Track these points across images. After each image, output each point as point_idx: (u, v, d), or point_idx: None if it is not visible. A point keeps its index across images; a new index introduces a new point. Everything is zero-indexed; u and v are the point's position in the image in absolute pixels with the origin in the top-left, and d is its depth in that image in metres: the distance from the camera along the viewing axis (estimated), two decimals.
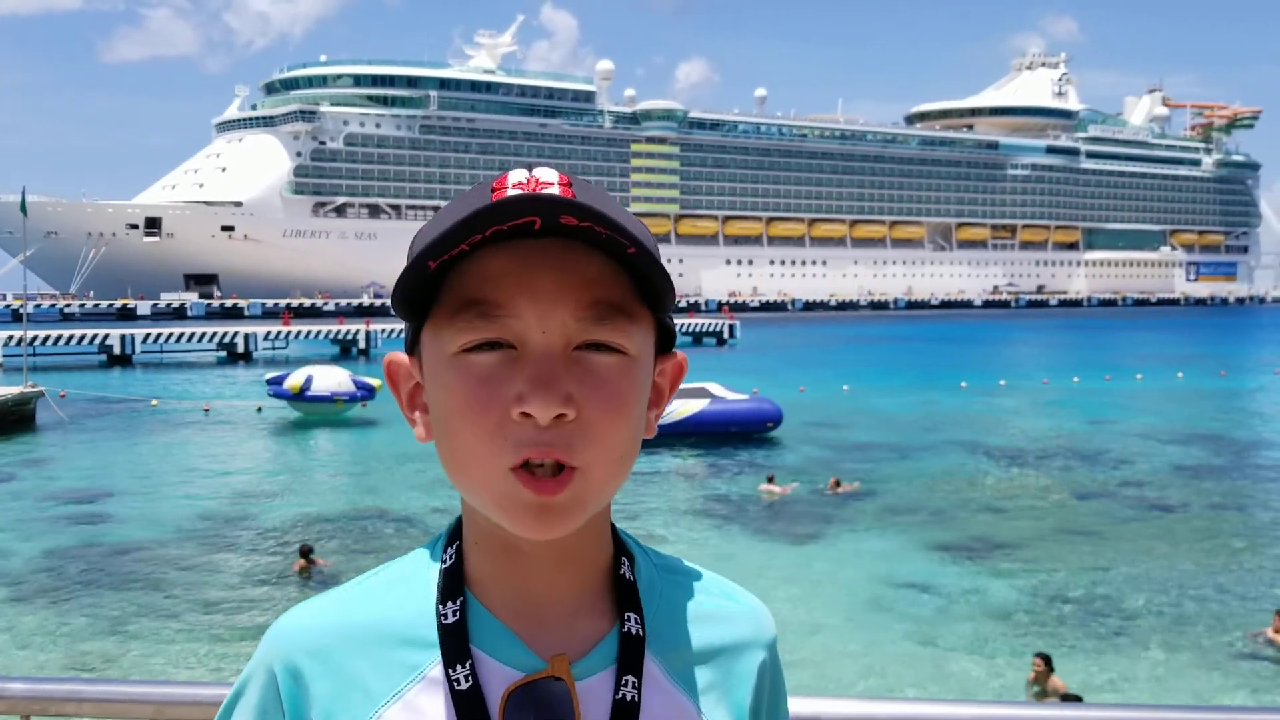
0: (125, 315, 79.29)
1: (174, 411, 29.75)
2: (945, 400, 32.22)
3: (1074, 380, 38.23)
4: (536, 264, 0.87)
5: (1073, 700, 8.16)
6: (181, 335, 51.41)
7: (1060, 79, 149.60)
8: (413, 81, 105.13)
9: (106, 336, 48.94)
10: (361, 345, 52.84)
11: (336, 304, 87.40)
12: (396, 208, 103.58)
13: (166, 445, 24.27)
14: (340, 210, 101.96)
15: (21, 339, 35.67)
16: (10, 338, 42.75)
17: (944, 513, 16.99)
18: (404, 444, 21.95)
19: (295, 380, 27.00)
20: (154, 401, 31.10)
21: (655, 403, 0.97)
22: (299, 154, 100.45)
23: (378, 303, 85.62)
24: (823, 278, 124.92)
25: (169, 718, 1.71)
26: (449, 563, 0.96)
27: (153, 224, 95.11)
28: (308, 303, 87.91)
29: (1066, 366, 44.64)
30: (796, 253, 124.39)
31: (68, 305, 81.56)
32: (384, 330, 53.49)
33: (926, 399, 32.37)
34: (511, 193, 0.86)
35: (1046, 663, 9.05)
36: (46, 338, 46.90)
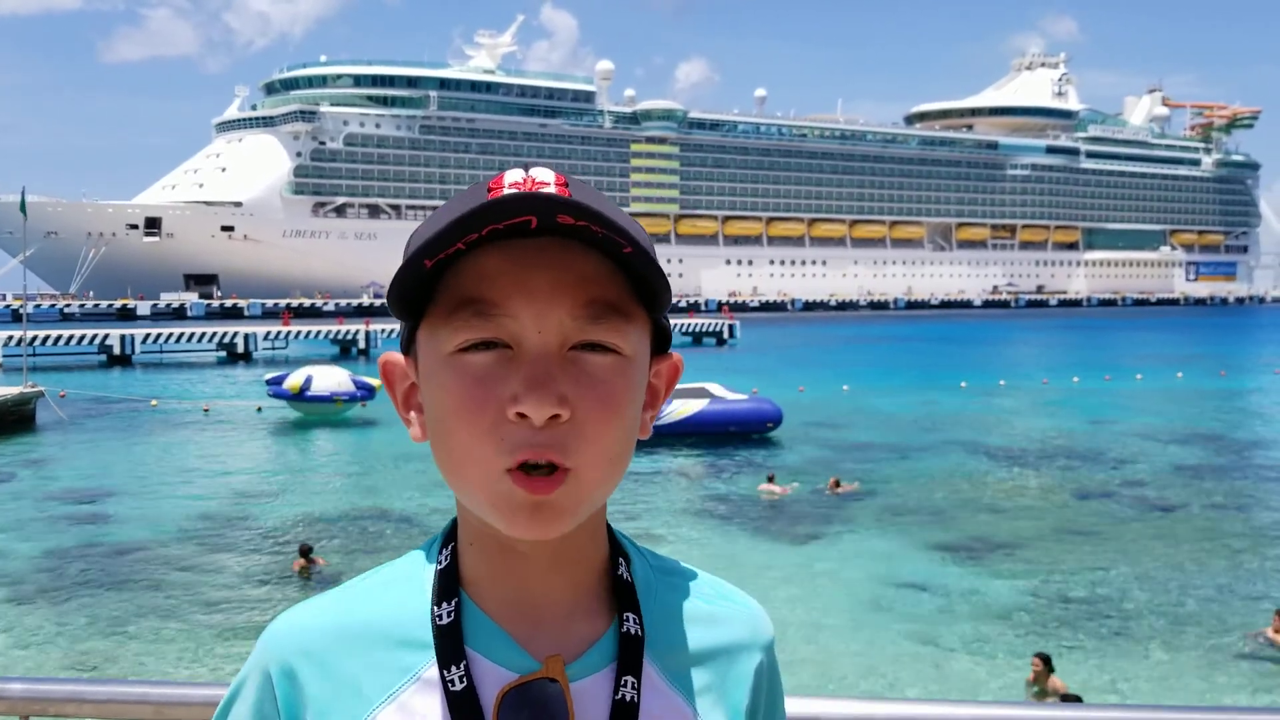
0: (125, 315, 79.29)
1: (174, 412, 29.75)
2: (945, 400, 32.20)
3: (1074, 380, 38.22)
4: (533, 263, 0.87)
5: (1072, 700, 8.16)
6: (181, 335, 51.43)
7: (1060, 79, 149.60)
8: (413, 81, 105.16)
9: (106, 336, 48.95)
10: (361, 345, 52.87)
11: (336, 304, 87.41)
12: (396, 208, 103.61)
13: (166, 445, 24.27)
14: (340, 210, 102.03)
15: (21, 339, 35.67)
16: (10, 338, 42.75)
17: (944, 513, 16.98)
18: (404, 444, 21.93)
19: (295, 380, 27.02)
20: (154, 402, 31.10)
21: (650, 404, 0.97)
22: (299, 154, 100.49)
23: (377, 303, 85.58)
24: (822, 278, 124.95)
25: (168, 718, 1.71)
26: (444, 564, 0.96)
27: (153, 224, 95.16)
28: (307, 303, 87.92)
29: (1066, 366, 44.63)
30: (796, 253, 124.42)
31: (68, 305, 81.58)
32: (384, 330, 53.47)
33: (926, 399, 32.36)
34: (508, 192, 0.86)
35: (1045, 663, 9.04)
36: (46, 338, 46.92)
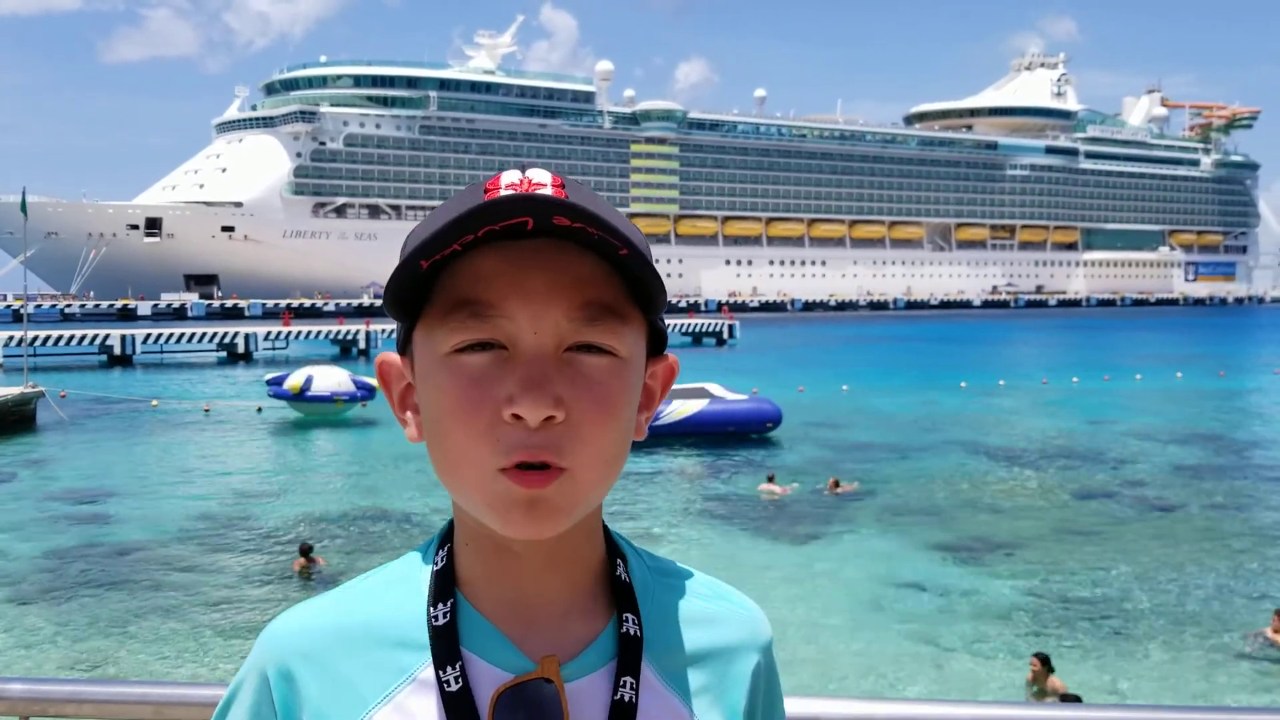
0: (125, 316, 79.30)
1: (174, 412, 29.75)
2: (945, 400, 32.20)
3: (1073, 380, 38.22)
4: (529, 264, 0.87)
5: (1072, 700, 8.16)
6: (182, 335, 51.43)
7: (1059, 79, 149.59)
8: (412, 82, 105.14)
9: (107, 337, 48.95)
10: (361, 345, 52.87)
11: (336, 304, 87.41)
12: (396, 208, 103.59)
13: (167, 445, 24.27)
14: (340, 211, 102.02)
15: (22, 339, 35.67)
16: (11, 338, 42.77)
17: (944, 513, 16.98)
18: (404, 444, 21.91)
19: (295, 380, 27.02)
20: (154, 402, 31.10)
21: (646, 405, 0.97)
22: (299, 154, 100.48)
23: (378, 303, 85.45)
24: (822, 278, 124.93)
25: (168, 718, 1.72)
26: (440, 565, 0.96)
27: (153, 224, 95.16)
28: (308, 303, 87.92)
29: (1066, 366, 44.63)
30: (796, 253, 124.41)
31: (68, 306, 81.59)
32: (384, 331, 53.45)
33: (926, 399, 32.36)
34: (504, 193, 0.86)
35: (1044, 663, 9.04)
36: (47, 338, 46.90)
